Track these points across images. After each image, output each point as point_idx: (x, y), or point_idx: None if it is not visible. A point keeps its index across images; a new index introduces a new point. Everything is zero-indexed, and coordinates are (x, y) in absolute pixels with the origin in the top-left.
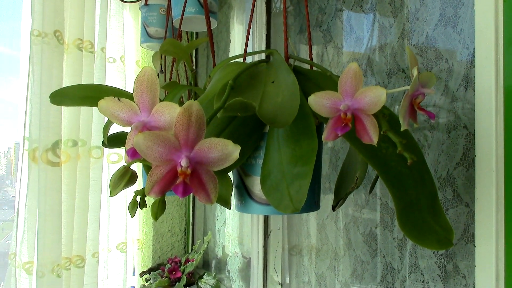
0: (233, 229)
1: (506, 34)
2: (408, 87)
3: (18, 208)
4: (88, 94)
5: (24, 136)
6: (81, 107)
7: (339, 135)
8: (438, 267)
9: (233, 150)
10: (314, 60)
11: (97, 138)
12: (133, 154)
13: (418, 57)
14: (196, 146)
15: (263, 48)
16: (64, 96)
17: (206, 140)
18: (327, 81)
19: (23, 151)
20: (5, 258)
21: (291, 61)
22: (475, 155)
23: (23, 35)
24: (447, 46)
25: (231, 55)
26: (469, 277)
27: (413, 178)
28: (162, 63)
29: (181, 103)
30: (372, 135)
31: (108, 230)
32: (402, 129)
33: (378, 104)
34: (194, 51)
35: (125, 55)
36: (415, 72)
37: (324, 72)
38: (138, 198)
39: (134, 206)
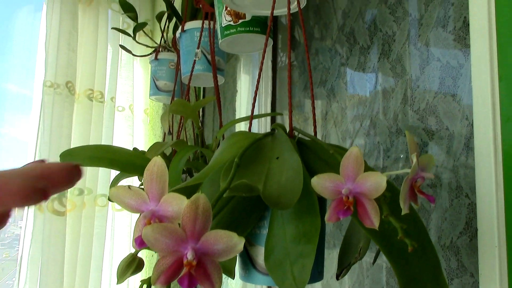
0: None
1: (504, 111)
2: (407, 170)
3: (21, 257)
4: (97, 155)
5: None
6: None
7: (341, 218)
8: None
9: (238, 242)
10: (318, 117)
11: (103, 186)
12: (141, 243)
13: (420, 123)
14: (202, 238)
15: (269, 103)
16: (74, 156)
17: (212, 232)
18: (330, 157)
19: None
20: None
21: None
22: (478, 228)
23: (37, 77)
24: (448, 114)
25: (237, 105)
26: None
27: (415, 253)
28: (170, 121)
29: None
30: (373, 220)
31: (110, 280)
32: (403, 213)
33: (379, 190)
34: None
35: (133, 104)
36: (414, 158)
37: (327, 149)
38: (145, 287)
39: None
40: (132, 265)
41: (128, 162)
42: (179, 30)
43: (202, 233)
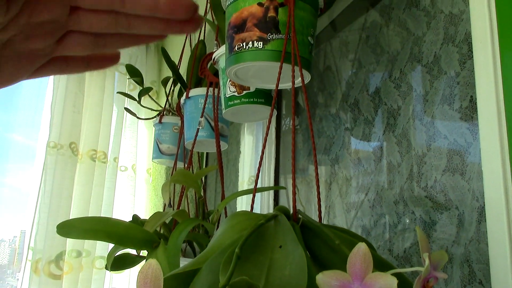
0: None
1: None
2: (420, 268)
3: None
4: (94, 227)
5: (29, 246)
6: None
7: None
8: None
9: None
10: (322, 188)
11: (102, 248)
12: None
13: (428, 200)
14: None
15: (273, 168)
16: (71, 228)
17: None
18: (337, 245)
19: (26, 261)
20: None
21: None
22: None
23: (42, 131)
24: (457, 193)
25: (240, 166)
26: None
27: None
28: (171, 192)
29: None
30: None
31: None
32: None
33: None
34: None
35: (136, 164)
36: (426, 259)
37: (333, 239)
38: None
39: None
40: None
41: (125, 235)
42: (184, 96)
43: None
